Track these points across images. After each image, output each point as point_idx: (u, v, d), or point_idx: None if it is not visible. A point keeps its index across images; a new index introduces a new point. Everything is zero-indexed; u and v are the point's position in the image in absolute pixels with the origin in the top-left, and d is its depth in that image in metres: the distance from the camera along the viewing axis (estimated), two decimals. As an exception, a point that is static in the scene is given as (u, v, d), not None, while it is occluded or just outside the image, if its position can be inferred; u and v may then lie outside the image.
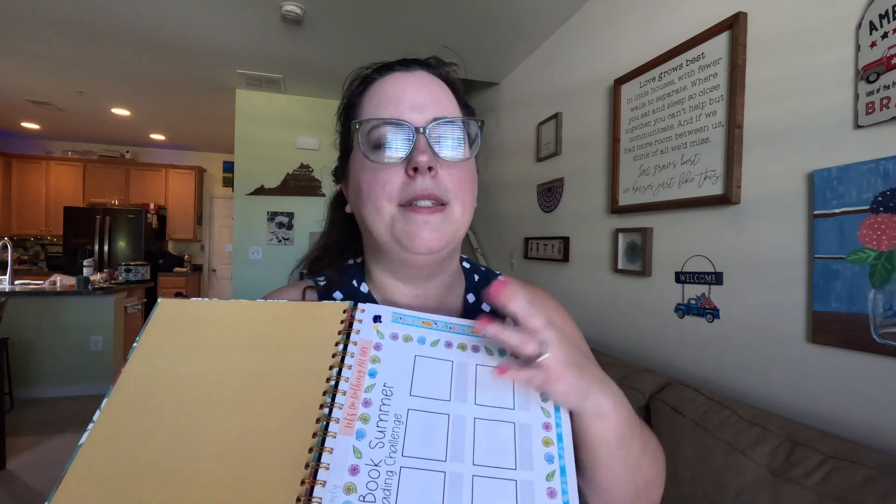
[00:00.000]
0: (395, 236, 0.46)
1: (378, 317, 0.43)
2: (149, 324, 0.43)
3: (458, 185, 0.46)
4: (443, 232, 0.46)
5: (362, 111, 0.49)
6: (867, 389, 0.99)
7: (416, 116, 0.46)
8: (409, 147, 0.45)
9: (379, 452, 0.35)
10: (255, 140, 3.57)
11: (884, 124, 0.96)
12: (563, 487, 0.36)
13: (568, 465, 0.37)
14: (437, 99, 0.48)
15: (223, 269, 6.20)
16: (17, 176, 5.28)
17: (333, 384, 0.38)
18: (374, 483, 0.33)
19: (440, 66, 0.51)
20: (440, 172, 0.45)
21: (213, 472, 0.33)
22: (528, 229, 2.61)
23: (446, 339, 0.43)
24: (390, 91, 0.47)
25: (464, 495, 0.34)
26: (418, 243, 0.45)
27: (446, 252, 0.48)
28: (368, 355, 0.40)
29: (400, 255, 0.47)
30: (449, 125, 0.46)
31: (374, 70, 0.51)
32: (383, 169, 0.45)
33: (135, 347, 0.41)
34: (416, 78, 0.48)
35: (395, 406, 0.38)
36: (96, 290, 3.26)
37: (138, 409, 0.36)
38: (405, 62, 0.50)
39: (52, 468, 2.30)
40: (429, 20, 2.33)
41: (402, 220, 0.45)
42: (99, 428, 0.35)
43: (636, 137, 1.71)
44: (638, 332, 1.69)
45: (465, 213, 0.48)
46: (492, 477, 0.36)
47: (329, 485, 0.32)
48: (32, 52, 2.89)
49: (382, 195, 0.45)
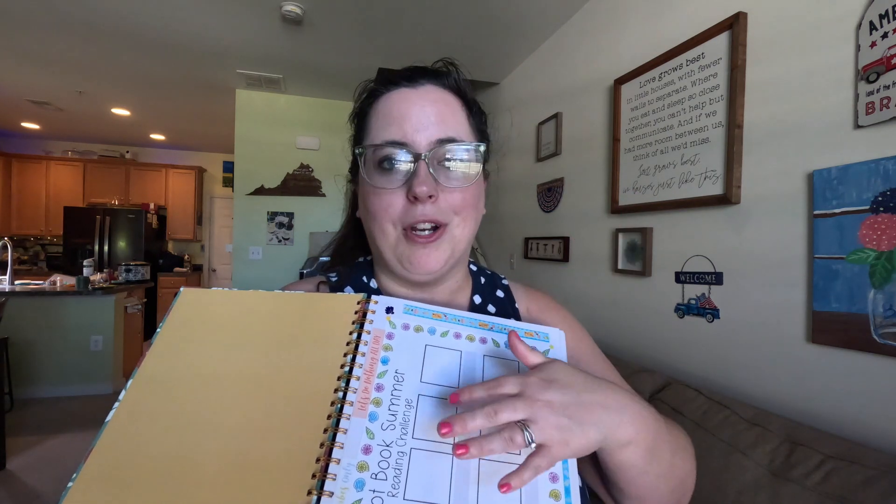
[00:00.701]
0: (398, 258, 0.48)
1: (390, 308, 0.46)
2: (171, 312, 0.44)
3: (461, 206, 0.48)
4: (442, 252, 0.48)
5: (369, 125, 0.50)
6: (867, 389, 0.99)
7: (420, 137, 0.46)
8: (411, 173, 0.45)
9: (390, 434, 0.37)
10: (255, 140, 3.57)
11: (884, 124, 0.96)
12: (565, 473, 0.38)
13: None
14: (443, 118, 0.47)
15: (223, 269, 6.20)
16: (17, 176, 5.27)
17: (348, 370, 0.40)
18: (385, 462, 0.35)
19: (448, 76, 0.51)
20: (441, 196, 0.46)
21: (232, 451, 0.34)
22: (528, 229, 2.61)
23: (455, 331, 0.45)
24: (395, 110, 0.48)
25: (470, 476, 0.36)
26: (418, 268, 0.47)
27: (448, 267, 0.50)
28: (381, 344, 0.43)
29: (402, 273, 0.49)
30: (453, 147, 0.47)
31: (381, 83, 0.50)
32: (386, 193, 0.46)
33: (158, 333, 0.42)
34: (421, 95, 0.48)
35: (406, 391, 0.40)
36: (96, 290, 3.26)
37: (162, 392, 0.38)
38: (411, 76, 0.49)
39: (52, 468, 2.30)
40: (429, 20, 2.33)
41: (403, 244, 0.47)
42: (120, 413, 0.37)
43: (636, 137, 1.71)
44: (638, 332, 1.69)
45: (466, 229, 0.49)
46: (497, 460, 0.37)
47: (343, 462, 0.34)
48: (32, 52, 2.89)
49: (386, 218, 0.47)
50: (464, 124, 0.50)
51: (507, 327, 0.47)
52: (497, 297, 0.58)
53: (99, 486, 0.32)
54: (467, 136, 0.49)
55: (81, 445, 2.54)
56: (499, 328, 0.46)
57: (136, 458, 0.34)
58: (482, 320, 0.47)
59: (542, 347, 0.46)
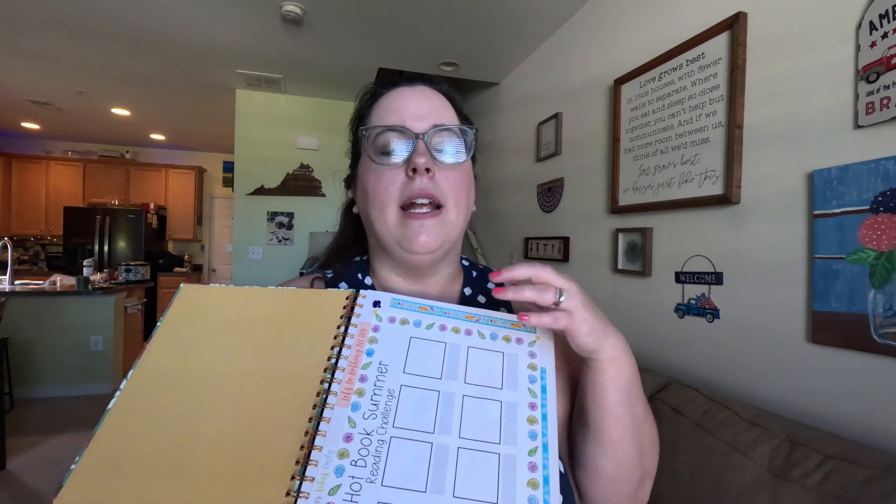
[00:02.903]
0: (396, 238, 0.50)
1: (378, 302, 0.47)
2: (171, 307, 0.46)
3: (454, 187, 0.51)
4: (438, 233, 0.50)
5: (370, 121, 0.54)
6: (867, 389, 0.99)
7: (417, 124, 0.51)
8: (410, 151, 0.49)
9: (372, 423, 0.38)
10: (255, 140, 3.57)
11: (884, 124, 0.96)
12: (545, 463, 0.38)
13: (550, 443, 0.39)
14: (436, 109, 0.53)
15: (223, 269, 6.21)
16: (17, 176, 5.27)
17: (334, 362, 0.42)
18: (365, 450, 0.37)
19: (440, 83, 0.57)
20: (437, 174, 0.50)
21: (223, 440, 0.36)
22: (528, 229, 2.61)
23: (441, 323, 0.46)
24: (394, 103, 0.53)
25: (448, 464, 0.37)
26: (416, 245, 0.49)
27: (443, 251, 0.52)
28: (367, 336, 0.44)
29: (400, 255, 0.51)
30: (446, 132, 0.52)
31: (382, 85, 0.56)
32: (387, 170, 0.50)
33: (158, 327, 0.44)
34: (418, 91, 0.54)
35: (388, 382, 0.41)
36: (96, 290, 3.26)
37: (160, 384, 0.40)
38: (409, 79, 0.55)
39: (52, 468, 2.30)
40: (429, 20, 2.33)
41: (401, 223, 0.50)
42: (120, 403, 0.39)
43: (636, 137, 1.71)
44: (638, 332, 1.69)
45: (459, 216, 0.52)
46: (476, 450, 0.38)
47: (325, 450, 0.36)
48: (32, 52, 2.89)
49: (386, 196, 0.50)
50: (455, 120, 0.55)
51: (493, 318, 0.48)
52: (488, 290, 0.60)
53: (99, 471, 0.34)
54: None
55: (81, 445, 2.53)
56: (485, 320, 0.47)
57: (135, 445, 0.36)
58: (469, 312, 0.48)
59: (529, 338, 0.46)
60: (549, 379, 0.44)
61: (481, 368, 0.43)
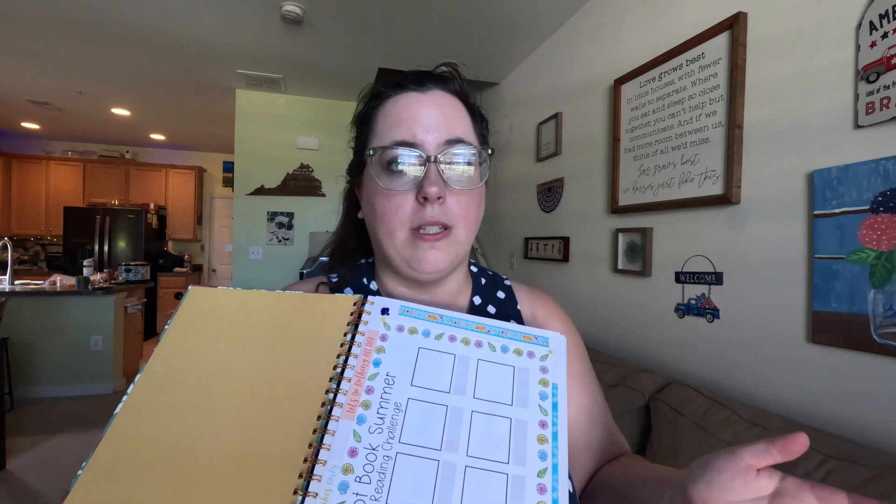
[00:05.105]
0: (405, 258, 0.48)
1: (386, 309, 0.45)
2: (179, 309, 0.45)
3: (465, 210, 0.49)
4: (447, 253, 0.48)
5: (376, 127, 0.51)
6: (867, 389, 0.99)
7: (429, 138, 0.47)
8: (420, 174, 0.47)
9: (377, 437, 0.37)
10: (255, 140, 3.57)
11: (884, 124, 0.96)
12: (554, 485, 0.37)
13: (560, 464, 0.38)
14: (450, 120, 0.49)
15: (223, 269, 6.20)
16: (17, 176, 5.27)
17: (340, 371, 0.40)
18: (370, 466, 0.35)
19: (453, 81, 0.52)
20: (448, 199, 0.47)
21: (229, 447, 0.35)
22: (528, 229, 2.61)
23: (450, 333, 0.45)
24: (404, 112, 0.49)
25: (455, 484, 0.35)
26: (425, 265, 0.48)
27: (451, 269, 0.51)
28: (374, 345, 0.43)
29: (408, 272, 0.50)
30: (460, 146, 0.48)
31: (388, 86, 0.51)
32: (396, 195, 0.47)
33: (166, 329, 0.43)
34: (430, 98, 0.49)
35: (395, 395, 0.40)
36: (96, 290, 3.26)
37: (167, 387, 0.39)
38: (420, 79, 0.51)
39: (52, 468, 2.30)
40: (429, 20, 2.33)
41: (411, 244, 0.48)
42: (127, 406, 0.38)
43: (636, 137, 1.71)
44: (638, 332, 1.69)
45: (469, 234, 0.50)
46: (484, 469, 0.36)
47: (329, 464, 0.35)
48: (32, 52, 2.89)
49: (396, 220, 0.47)
50: (469, 128, 0.51)
51: (504, 330, 0.46)
52: (498, 299, 0.58)
53: (106, 475, 0.34)
54: (472, 140, 0.51)
55: (81, 445, 2.54)
56: (496, 331, 0.46)
57: (141, 450, 0.35)
58: (479, 323, 0.46)
59: (541, 352, 0.45)
60: (560, 396, 0.42)
61: (491, 383, 0.42)
